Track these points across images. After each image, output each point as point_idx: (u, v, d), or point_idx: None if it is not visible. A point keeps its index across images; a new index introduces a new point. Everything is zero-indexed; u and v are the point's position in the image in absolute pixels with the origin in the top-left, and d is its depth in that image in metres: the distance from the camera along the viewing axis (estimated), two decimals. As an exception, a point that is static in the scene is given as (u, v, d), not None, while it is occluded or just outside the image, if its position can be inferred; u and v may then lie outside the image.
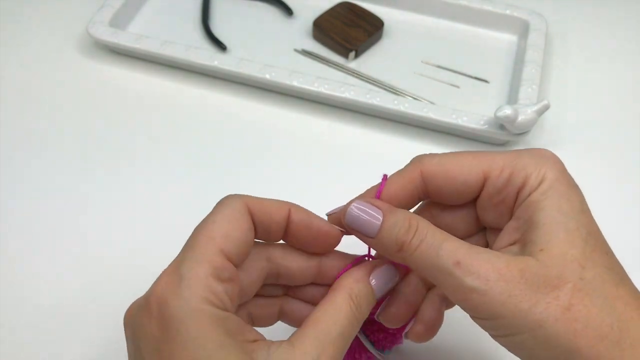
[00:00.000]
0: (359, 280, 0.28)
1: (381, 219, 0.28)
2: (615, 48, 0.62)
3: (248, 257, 0.28)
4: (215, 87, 0.56)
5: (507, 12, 0.61)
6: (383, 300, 0.31)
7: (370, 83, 0.56)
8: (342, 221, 0.29)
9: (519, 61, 0.57)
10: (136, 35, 0.56)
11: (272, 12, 0.63)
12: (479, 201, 0.30)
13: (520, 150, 0.29)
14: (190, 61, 0.54)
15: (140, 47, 0.55)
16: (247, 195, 0.28)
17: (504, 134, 0.50)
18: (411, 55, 0.59)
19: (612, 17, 0.65)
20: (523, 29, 0.60)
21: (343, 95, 0.52)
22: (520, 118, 0.48)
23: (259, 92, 0.55)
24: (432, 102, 0.54)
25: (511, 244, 0.28)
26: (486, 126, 0.50)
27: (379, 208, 0.28)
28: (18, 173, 0.49)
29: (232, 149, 0.51)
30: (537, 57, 0.55)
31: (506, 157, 0.28)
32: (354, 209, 0.29)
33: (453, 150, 0.52)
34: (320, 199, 0.48)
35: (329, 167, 0.50)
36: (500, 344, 0.26)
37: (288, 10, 0.62)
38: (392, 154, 0.52)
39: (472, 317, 0.26)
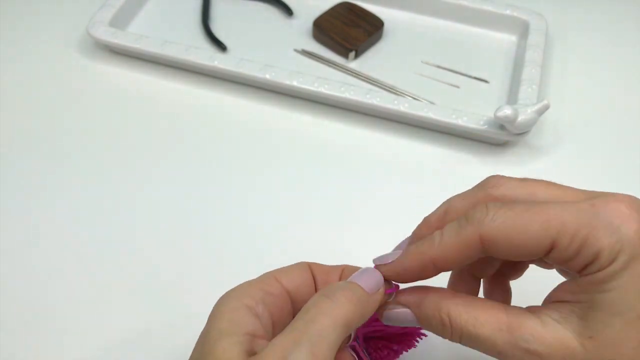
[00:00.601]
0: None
1: (413, 317, 0.28)
2: (615, 48, 0.62)
3: None
4: (215, 87, 0.56)
5: (507, 12, 0.61)
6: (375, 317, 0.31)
7: (370, 83, 0.56)
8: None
9: (518, 61, 0.57)
10: (136, 35, 0.56)
11: (272, 12, 0.63)
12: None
13: (596, 202, 0.24)
14: (190, 61, 0.54)
15: (140, 47, 0.55)
16: (310, 262, 0.31)
17: (503, 134, 0.50)
18: (411, 55, 0.59)
19: (612, 17, 0.65)
20: (523, 29, 0.60)
21: (343, 95, 0.52)
22: (520, 118, 0.48)
23: (259, 92, 0.56)
24: (432, 102, 0.54)
25: (558, 301, 0.26)
26: (486, 126, 0.50)
27: (404, 306, 0.29)
28: (17, 173, 0.49)
29: (232, 149, 0.51)
30: (537, 57, 0.55)
31: (579, 219, 0.24)
32: (389, 315, 0.29)
33: (453, 150, 0.52)
34: (320, 199, 0.49)
35: (328, 167, 0.50)
36: None
37: (288, 11, 0.62)
38: (392, 154, 0.52)
39: None
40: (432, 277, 0.28)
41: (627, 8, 0.66)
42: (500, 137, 0.50)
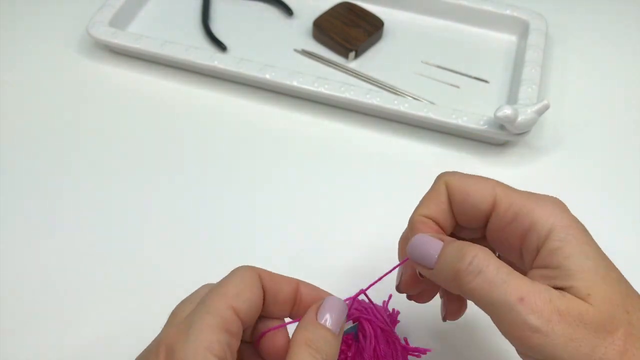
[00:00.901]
0: (309, 324, 0.27)
1: (439, 249, 0.29)
2: (615, 48, 0.62)
3: None
4: (215, 87, 0.56)
5: (507, 12, 0.61)
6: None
7: (370, 83, 0.56)
8: (405, 252, 0.31)
9: (518, 61, 0.57)
10: (136, 35, 0.56)
11: (272, 12, 0.63)
12: (488, 232, 0.31)
13: (531, 194, 0.29)
14: (190, 61, 0.54)
15: (140, 47, 0.55)
16: (259, 267, 0.29)
17: (503, 134, 0.50)
18: (411, 55, 0.59)
19: (612, 18, 0.65)
20: (523, 29, 0.60)
21: (343, 95, 0.52)
22: (520, 118, 0.48)
23: (258, 92, 0.56)
24: (432, 102, 0.54)
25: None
26: (486, 126, 0.50)
27: (440, 240, 0.29)
28: (17, 173, 0.49)
29: (232, 149, 0.51)
30: (537, 57, 0.55)
31: (516, 196, 0.29)
32: (416, 240, 0.30)
33: (453, 150, 0.52)
34: (319, 199, 0.49)
35: (328, 167, 0.51)
36: None
37: (288, 11, 0.62)
38: (392, 154, 0.52)
39: (523, 354, 0.26)
40: (447, 232, 0.32)
41: (627, 8, 0.66)
42: (500, 137, 0.50)
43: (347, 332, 0.34)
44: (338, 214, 0.47)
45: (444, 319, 0.34)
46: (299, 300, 0.29)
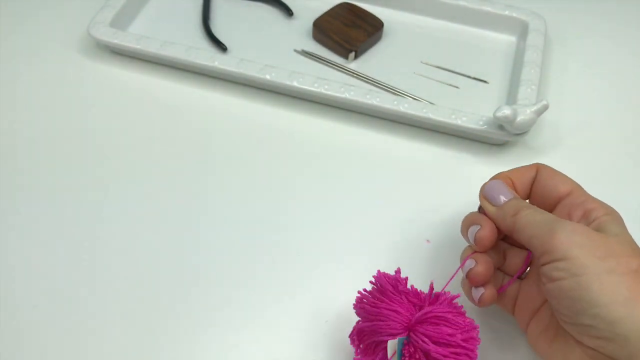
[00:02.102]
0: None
1: (510, 197, 0.37)
2: (614, 48, 0.62)
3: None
4: (216, 88, 0.56)
5: (506, 12, 0.61)
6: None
7: (370, 83, 0.56)
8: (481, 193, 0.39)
9: (518, 62, 0.58)
10: (137, 36, 0.56)
11: (272, 13, 0.63)
12: (556, 210, 0.37)
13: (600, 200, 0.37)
14: (191, 62, 0.54)
15: (140, 48, 0.55)
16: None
17: (503, 134, 0.50)
18: (411, 55, 0.60)
19: (612, 18, 0.65)
20: (522, 30, 0.60)
21: (343, 95, 0.52)
22: (519, 118, 0.48)
23: (259, 92, 0.56)
24: (431, 103, 0.54)
25: None
26: (485, 126, 0.50)
27: (511, 193, 0.37)
28: (16, 173, 0.49)
29: (232, 149, 0.52)
30: (536, 58, 0.56)
31: (589, 194, 0.37)
32: (494, 183, 0.38)
33: (452, 150, 0.52)
34: (319, 199, 0.49)
35: (328, 167, 0.51)
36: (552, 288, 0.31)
37: (288, 11, 0.63)
38: (392, 154, 0.52)
39: (543, 263, 0.32)
40: (522, 196, 0.39)
41: (626, 9, 0.66)
42: (499, 137, 0.50)
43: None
44: (338, 214, 0.47)
45: (467, 275, 0.37)
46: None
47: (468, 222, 0.38)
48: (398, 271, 0.36)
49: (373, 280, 0.37)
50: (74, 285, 0.43)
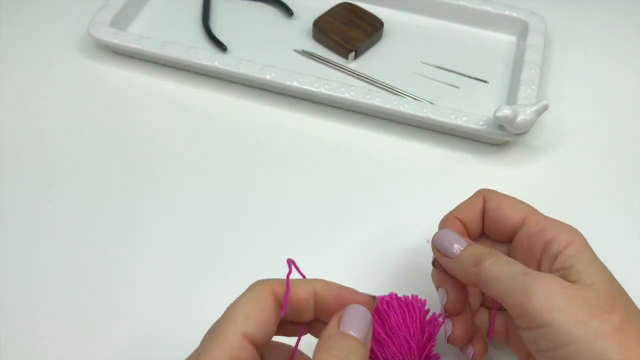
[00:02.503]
0: (333, 335, 0.27)
1: (464, 245, 0.33)
2: (614, 48, 0.62)
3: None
4: (216, 88, 0.56)
5: (507, 12, 0.61)
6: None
7: (370, 83, 0.56)
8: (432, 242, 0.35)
9: (518, 62, 0.58)
10: (137, 35, 0.56)
11: (272, 13, 0.63)
12: (514, 242, 0.35)
13: (554, 219, 0.34)
14: (191, 62, 0.54)
15: (140, 48, 0.55)
16: (272, 279, 0.29)
17: (503, 134, 0.50)
18: (411, 55, 0.60)
19: (612, 18, 0.65)
20: (522, 30, 0.60)
21: (343, 95, 0.52)
22: (519, 118, 0.48)
23: (259, 92, 0.56)
24: (431, 103, 0.54)
25: None
26: (485, 126, 0.50)
27: (465, 240, 0.34)
28: (16, 173, 0.49)
29: (232, 149, 0.52)
30: (536, 58, 0.56)
31: (543, 217, 0.34)
32: (443, 234, 0.34)
33: (452, 150, 0.52)
34: (319, 199, 0.49)
35: (328, 167, 0.51)
36: (542, 358, 0.30)
37: (288, 11, 0.63)
38: (392, 154, 0.52)
39: (524, 327, 0.30)
40: (472, 238, 0.36)
41: (626, 9, 0.66)
42: (499, 137, 0.50)
43: None
44: (337, 214, 0.47)
45: (448, 339, 0.35)
46: (321, 302, 0.29)
47: (435, 283, 0.36)
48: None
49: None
50: (78, 282, 0.43)
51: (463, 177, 0.50)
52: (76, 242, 0.45)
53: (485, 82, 0.58)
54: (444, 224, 0.36)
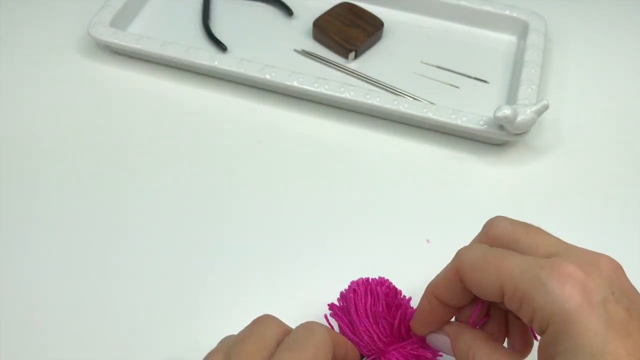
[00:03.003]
0: None
1: (449, 345, 0.32)
2: (614, 48, 0.62)
3: None
4: (216, 88, 0.56)
5: (507, 12, 0.61)
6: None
7: (370, 83, 0.56)
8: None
9: (518, 61, 0.58)
10: (137, 35, 0.56)
11: (272, 13, 0.63)
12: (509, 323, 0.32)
13: (549, 262, 0.26)
14: (191, 61, 0.54)
15: (140, 48, 0.55)
16: (331, 331, 0.29)
17: (503, 134, 0.50)
18: (411, 55, 0.59)
19: (612, 17, 0.65)
20: (522, 30, 0.60)
21: (343, 95, 0.52)
22: (520, 118, 0.48)
23: (258, 92, 0.56)
24: (431, 103, 0.54)
25: None
26: (485, 126, 0.50)
27: (445, 335, 0.32)
28: (15, 173, 0.49)
29: (232, 149, 0.52)
30: (537, 58, 0.56)
31: (521, 281, 0.26)
32: (429, 339, 0.33)
33: (452, 150, 0.52)
34: (319, 199, 0.49)
35: (328, 167, 0.51)
36: None
37: (288, 11, 0.63)
38: (391, 154, 0.52)
39: None
40: (451, 315, 0.32)
41: (626, 8, 0.66)
42: (499, 137, 0.50)
43: None
44: (337, 214, 0.47)
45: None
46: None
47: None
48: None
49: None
50: (84, 284, 0.43)
51: (463, 177, 0.50)
52: (74, 241, 0.45)
53: (485, 82, 0.58)
54: (420, 303, 0.33)
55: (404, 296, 0.38)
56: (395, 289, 0.38)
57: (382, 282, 0.37)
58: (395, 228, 0.47)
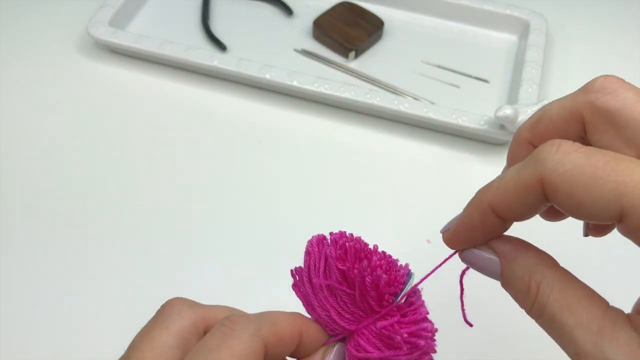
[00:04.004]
0: None
1: (498, 269, 0.23)
2: (615, 47, 0.62)
3: None
4: (215, 87, 0.56)
5: (508, 12, 0.61)
6: None
7: (370, 83, 0.56)
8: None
9: (519, 61, 0.57)
10: (136, 35, 0.56)
11: (272, 12, 0.63)
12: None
13: None
14: (190, 61, 0.54)
15: (140, 47, 0.55)
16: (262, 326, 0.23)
17: (504, 134, 0.49)
18: (411, 55, 0.59)
19: (613, 17, 0.65)
20: (523, 29, 0.60)
21: (343, 95, 0.52)
22: (521, 118, 0.48)
23: (258, 92, 0.55)
24: (432, 102, 0.54)
25: None
26: (486, 126, 0.50)
27: (494, 253, 0.23)
28: (15, 173, 0.49)
29: (232, 149, 0.51)
30: (538, 57, 0.55)
31: None
32: (469, 256, 0.25)
33: (453, 150, 0.52)
34: (319, 199, 0.49)
35: (328, 167, 0.50)
36: None
37: (288, 10, 0.62)
38: (392, 153, 0.52)
39: None
40: (503, 231, 0.23)
41: (626, 8, 0.66)
42: (500, 137, 0.50)
43: None
44: (337, 214, 0.47)
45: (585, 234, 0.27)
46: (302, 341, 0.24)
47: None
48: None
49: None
50: (70, 283, 0.42)
51: (463, 176, 0.50)
52: (74, 241, 0.45)
53: (486, 81, 0.57)
54: (464, 227, 0.25)
55: (373, 249, 0.28)
56: (362, 243, 0.28)
57: (342, 237, 0.28)
58: (395, 228, 0.47)
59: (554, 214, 0.25)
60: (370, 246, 0.27)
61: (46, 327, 0.40)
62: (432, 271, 0.27)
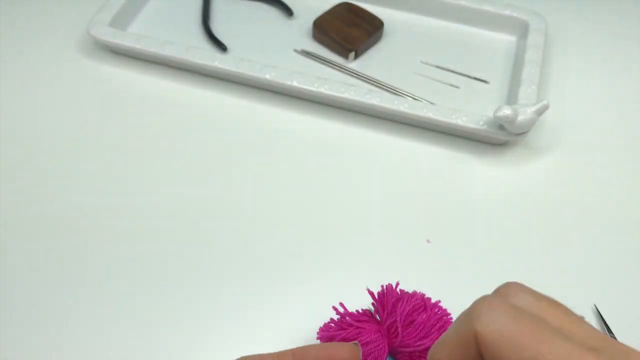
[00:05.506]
0: None
1: None
2: (614, 48, 0.62)
3: None
4: (216, 88, 0.56)
5: (507, 12, 0.61)
6: None
7: (370, 83, 0.56)
8: None
9: (518, 61, 0.57)
10: (136, 35, 0.56)
11: (272, 13, 0.63)
12: None
13: (589, 357, 0.21)
14: (191, 61, 0.54)
15: (140, 48, 0.55)
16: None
17: (503, 134, 0.50)
18: (411, 55, 0.59)
19: (612, 17, 0.65)
20: (522, 29, 0.60)
21: (343, 95, 0.52)
22: (520, 118, 0.48)
23: (258, 92, 0.56)
24: (431, 102, 0.54)
25: None
26: (485, 126, 0.50)
27: None
28: (15, 173, 0.49)
29: (232, 149, 0.52)
30: (537, 57, 0.55)
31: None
32: None
33: (452, 150, 0.52)
34: (319, 199, 0.49)
35: (328, 167, 0.51)
36: None
37: (288, 11, 0.63)
38: (391, 154, 0.52)
39: None
40: None
41: (626, 8, 0.66)
42: (499, 137, 0.50)
43: None
44: (337, 214, 0.47)
45: None
46: None
47: None
48: None
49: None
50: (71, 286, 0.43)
51: (463, 177, 0.50)
52: (74, 240, 0.45)
53: (485, 82, 0.58)
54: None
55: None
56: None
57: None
58: (395, 228, 0.47)
59: None
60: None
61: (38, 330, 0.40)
62: None
